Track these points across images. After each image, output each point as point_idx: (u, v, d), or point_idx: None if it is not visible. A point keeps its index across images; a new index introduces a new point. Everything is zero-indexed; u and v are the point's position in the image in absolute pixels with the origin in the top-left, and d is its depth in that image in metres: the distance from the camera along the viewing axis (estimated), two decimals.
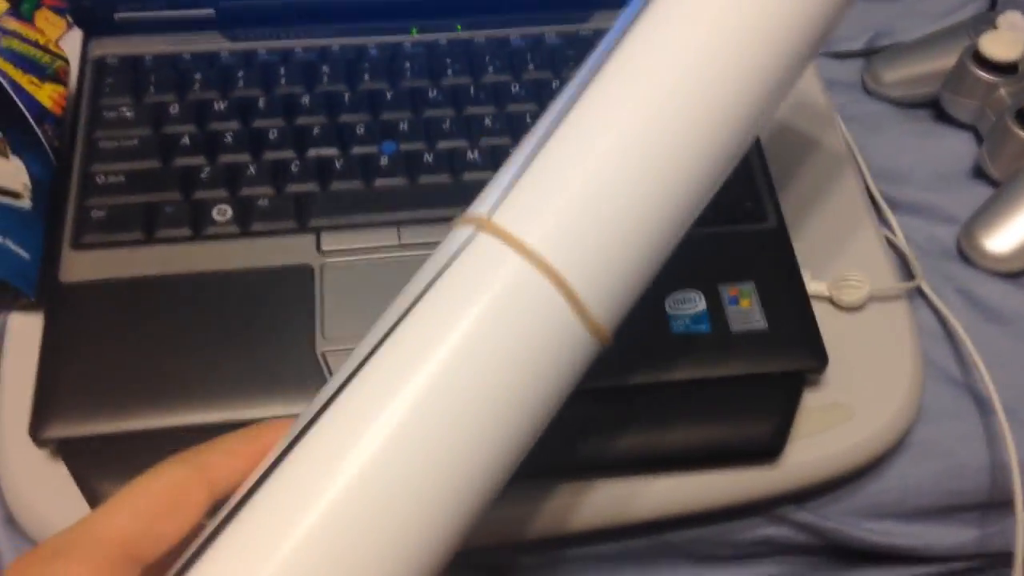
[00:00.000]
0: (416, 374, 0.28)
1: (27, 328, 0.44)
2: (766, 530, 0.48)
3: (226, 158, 0.48)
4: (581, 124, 0.31)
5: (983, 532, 0.50)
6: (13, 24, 0.52)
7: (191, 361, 0.42)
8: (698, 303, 0.44)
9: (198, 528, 0.28)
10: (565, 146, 0.30)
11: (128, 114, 0.49)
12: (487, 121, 0.50)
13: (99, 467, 0.40)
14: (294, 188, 0.47)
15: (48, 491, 0.41)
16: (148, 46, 0.51)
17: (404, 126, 0.49)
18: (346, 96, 0.50)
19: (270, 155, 0.48)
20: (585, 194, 0.30)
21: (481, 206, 0.31)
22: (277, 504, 0.27)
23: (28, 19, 0.54)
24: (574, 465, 0.42)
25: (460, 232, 0.30)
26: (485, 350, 0.28)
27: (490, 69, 0.52)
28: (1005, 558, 0.50)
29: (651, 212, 0.30)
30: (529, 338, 0.28)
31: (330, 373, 0.42)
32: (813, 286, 0.47)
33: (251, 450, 0.29)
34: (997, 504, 0.49)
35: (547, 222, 0.29)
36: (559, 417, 0.30)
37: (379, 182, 0.47)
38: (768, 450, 0.43)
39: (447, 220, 0.46)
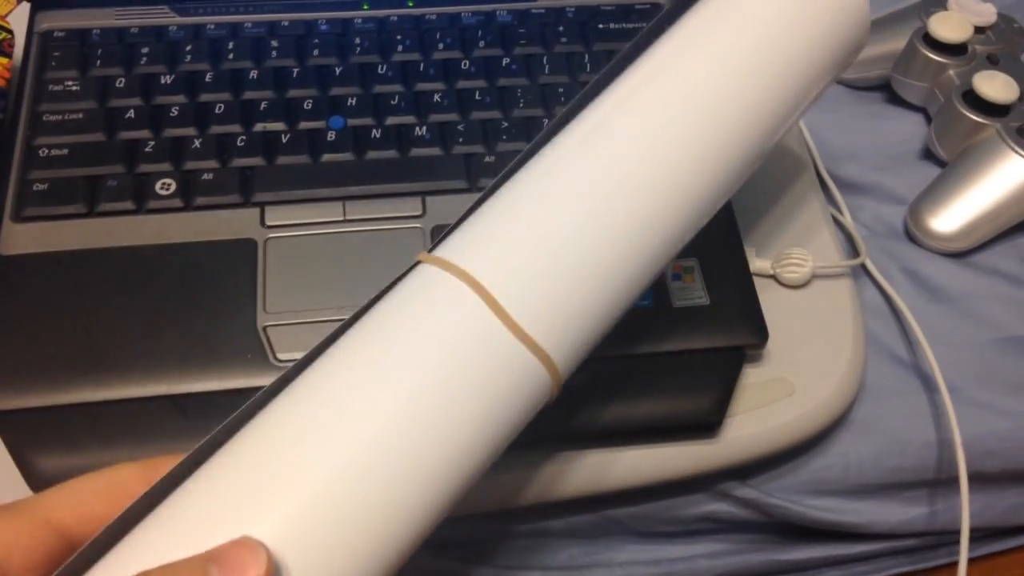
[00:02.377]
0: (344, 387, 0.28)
1: None
2: (710, 506, 0.48)
3: (171, 131, 0.47)
4: (533, 177, 0.32)
5: (929, 510, 0.50)
6: None
7: (131, 334, 0.42)
8: None
9: None
10: (515, 191, 0.32)
11: (73, 87, 0.48)
12: (436, 97, 0.50)
13: (36, 440, 0.40)
14: (239, 162, 0.47)
15: None
16: (95, 19, 0.51)
17: (352, 101, 0.49)
18: (295, 71, 0.50)
19: (216, 129, 0.48)
20: (532, 236, 0.31)
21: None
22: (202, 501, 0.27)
23: None
24: None
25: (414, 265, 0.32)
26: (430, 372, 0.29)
27: (440, 46, 0.52)
28: (951, 535, 0.50)
29: (603, 267, 0.31)
30: (473, 360, 0.29)
31: (271, 347, 0.42)
32: (757, 263, 0.47)
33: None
34: (943, 482, 0.49)
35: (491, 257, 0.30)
36: None
37: (326, 157, 0.47)
38: (708, 424, 0.43)
39: (394, 195, 0.47)
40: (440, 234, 0.33)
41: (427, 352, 0.29)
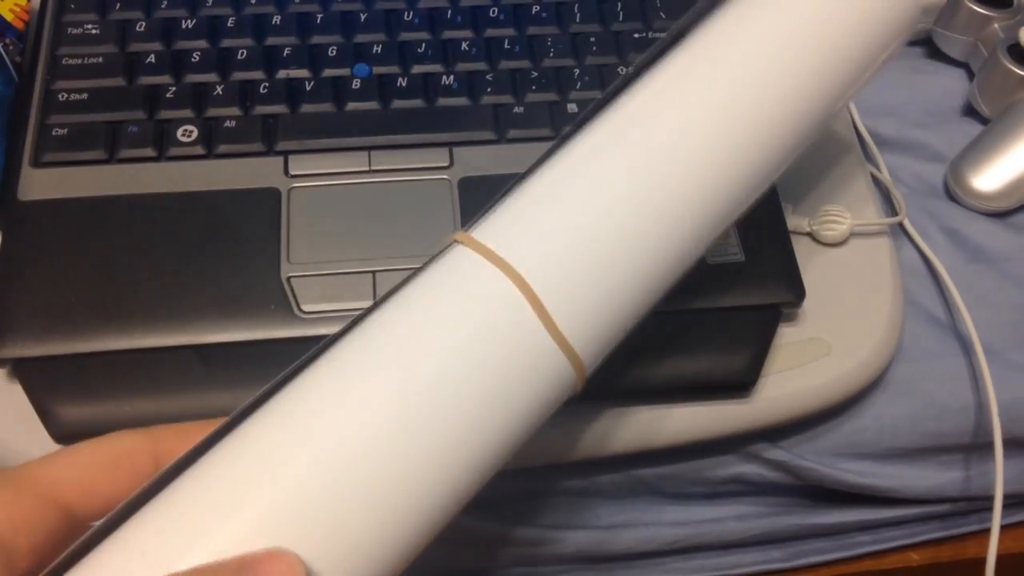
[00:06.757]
0: (369, 375, 0.27)
1: None
2: (739, 468, 0.47)
3: (192, 77, 0.46)
4: (579, 160, 0.31)
5: (963, 475, 0.49)
6: None
7: (152, 283, 0.41)
8: None
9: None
10: (559, 177, 0.31)
11: (93, 30, 0.47)
12: (464, 46, 0.48)
13: (55, 389, 0.39)
14: (262, 109, 0.46)
15: (3, 412, 0.40)
16: None
17: (378, 49, 0.48)
18: (319, 16, 0.49)
19: (238, 75, 0.46)
20: (567, 219, 0.30)
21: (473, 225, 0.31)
22: (213, 481, 0.26)
23: None
24: None
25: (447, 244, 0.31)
26: (450, 353, 0.28)
27: None
28: (984, 502, 0.49)
29: (636, 255, 0.30)
30: (493, 341, 0.28)
31: (295, 298, 0.41)
32: (794, 220, 0.46)
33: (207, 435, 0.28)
34: (978, 446, 0.48)
35: (526, 241, 0.29)
36: None
37: (350, 105, 0.46)
38: (741, 383, 0.42)
39: (420, 146, 0.45)
40: (478, 212, 0.31)
41: (456, 339, 0.28)
